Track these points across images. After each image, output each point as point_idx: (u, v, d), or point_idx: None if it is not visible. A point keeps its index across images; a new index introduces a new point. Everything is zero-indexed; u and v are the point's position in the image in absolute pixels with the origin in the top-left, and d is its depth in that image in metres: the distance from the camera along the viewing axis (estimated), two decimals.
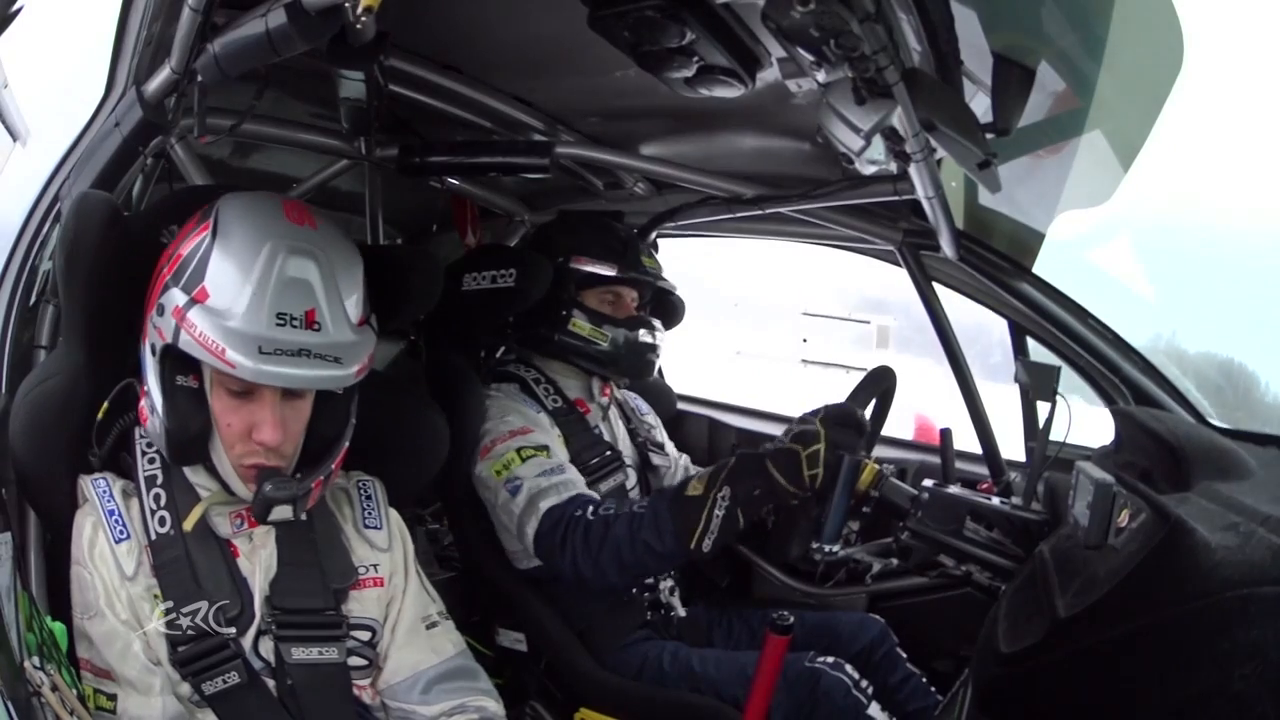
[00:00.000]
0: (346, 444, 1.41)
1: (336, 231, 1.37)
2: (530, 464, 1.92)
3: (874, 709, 1.83)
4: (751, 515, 1.70)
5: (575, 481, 1.93)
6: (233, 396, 1.30)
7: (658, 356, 2.22)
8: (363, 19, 1.11)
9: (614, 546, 1.75)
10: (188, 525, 1.33)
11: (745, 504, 1.68)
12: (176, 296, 1.25)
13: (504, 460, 1.94)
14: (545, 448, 1.96)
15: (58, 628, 1.22)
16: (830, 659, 1.87)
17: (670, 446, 2.45)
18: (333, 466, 1.39)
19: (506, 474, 1.93)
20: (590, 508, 1.83)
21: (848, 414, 1.69)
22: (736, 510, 1.68)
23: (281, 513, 1.31)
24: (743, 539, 2.30)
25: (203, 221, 1.31)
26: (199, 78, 1.33)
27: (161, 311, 1.26)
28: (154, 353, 1.30)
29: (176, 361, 1.28)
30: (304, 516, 1.41)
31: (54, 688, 1.07)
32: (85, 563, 1.30)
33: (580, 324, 2.12)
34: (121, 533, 1.31)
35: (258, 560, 1.39)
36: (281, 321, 1.22)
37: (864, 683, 1.86)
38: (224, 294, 1.23)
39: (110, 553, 1.30)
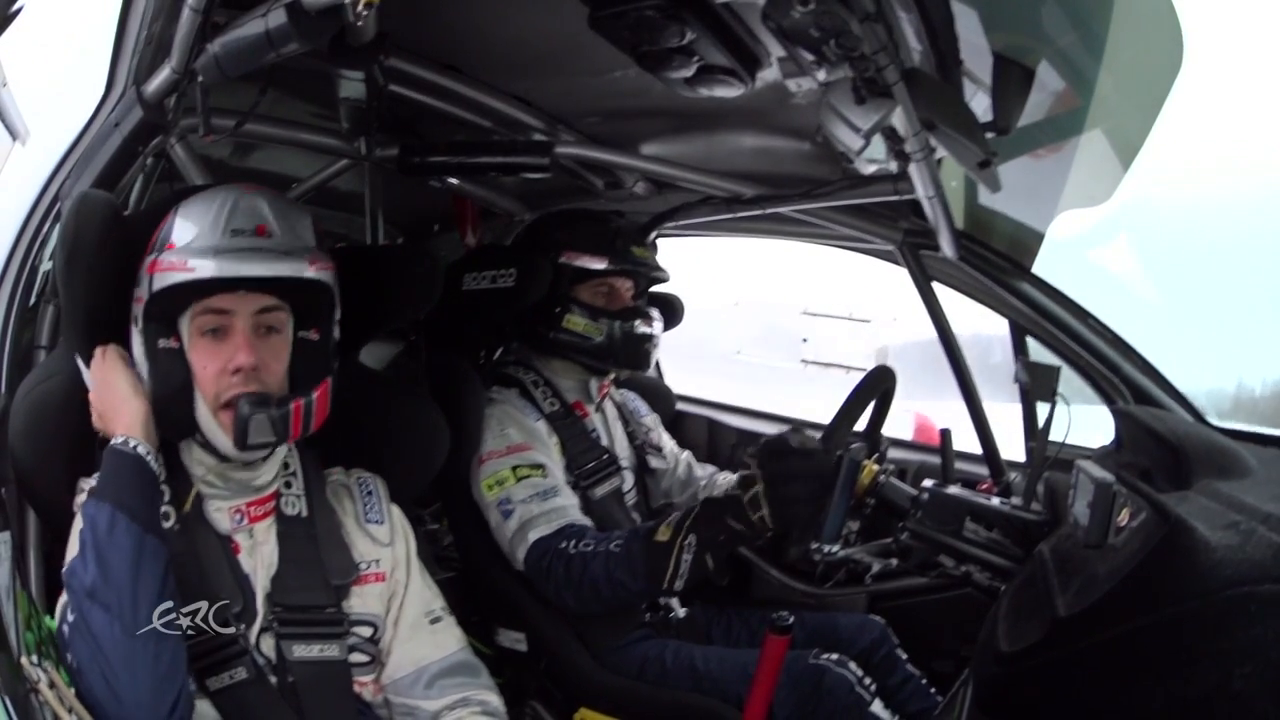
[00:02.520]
0: (328, 378, 1.40)
1: (289, 200, 1.46)
2: (524, 485, 1.93)
3: (877, 706, 1.84)
4: (719, 556, 1.72)
5: (566, 507, 1.93)
6: (209, 341, 1.33)
7: (655, 347, 2.21)
8: (364, 15, 1.11)
9: (592, 583, 1.80)
10: (185, 507, 1.34)
11: (711, 548, 1.71)
12: (149, 259, 1.33)
13: (498, 477, 1.95)
14: (541, 466, 1.96)
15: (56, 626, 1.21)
16: (835, 656, 1.88)
17: (671, 445, 2.44)
18: (315, 395, 1.37)
19: (500, 492, 1.94)
20: (573, 542, 1.84)
21: (780, 445, 1.65)
22: (704, 555, 1.70)
23: (260, 430, 1.31)
24: None
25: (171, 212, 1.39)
26: (199, 78, 1.33)
27: (139, 282, 1.33)
28: (137, 323, 1.34)
29: (157, 326, 1.33)
30: (300, 471, 1.46)
31: (51, 684, 1.07)
32: None
33: (575, 320, 2.11)
34: None
35: (259, 557, 1.39)
36: (236, 234, 1.32)
37: (867, 680, 1.86)
38: (186, 234, 1.33)
39: None
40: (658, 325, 2.20)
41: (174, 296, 1.31)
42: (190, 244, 1.31)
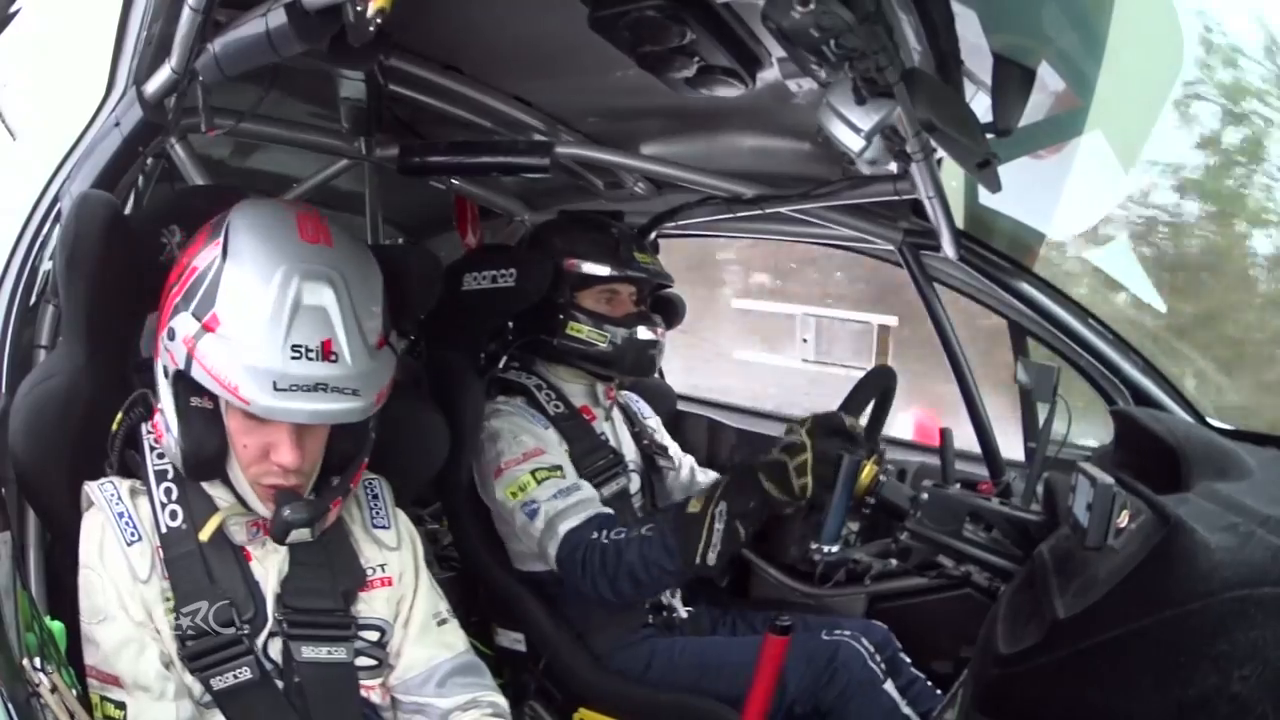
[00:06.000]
0: (365, 459, 1.41)
1: (353, 245, 1.35)
2: (545, 486, 1.95)
3: (889, 685, 1.87)
4: (750, 526, 1.74)
5: (590, 499, 1.95)
6: (248, 418, 1.27)
7: (659, 353, 2.21)
8: (376, 21, 1.11)
9: (628, 569, 1.80)
10: (204, 536, 1.33)
11: (743, 516, 1.73)
12: (187, 323, 1.22)
13: (519, 483, 1.96)
14: (558, 468, 1.98)
15: (56, 627, 1.21)
16: (848, 631, 1.93)
17: (675, 449, 2.44)
18: (350, 484, 1.39)
19: (523, 496, 1.95)
20: (604, 531, 1.86)
21: (834, 422, 1.71)
22: (735, 523, 1.72)
23: (300, 535, 1.31)
24: None
25: (214, 237, 1.28)
26: (199, 78, 1.33)
27: (173, 336, 1.24)
28: (166, 375, 1.28)
29: (190, 384, 1.26)
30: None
31: (53, 688, 1.07)
32: (95, 565, 1.28)
33: (578, 326, 2.11)
34: (133, 535, 1.30)
35: (271, 565, 1.39)
36: (297, 354, 1.19)
37: (878, 657, 1.90)
38: (236, 323, 1.20)
39: (122, 555, 1.29)
40: (661, 330, 2.20)
41: None
42: (242, 349, 1.19)
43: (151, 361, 1.35)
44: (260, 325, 1.19)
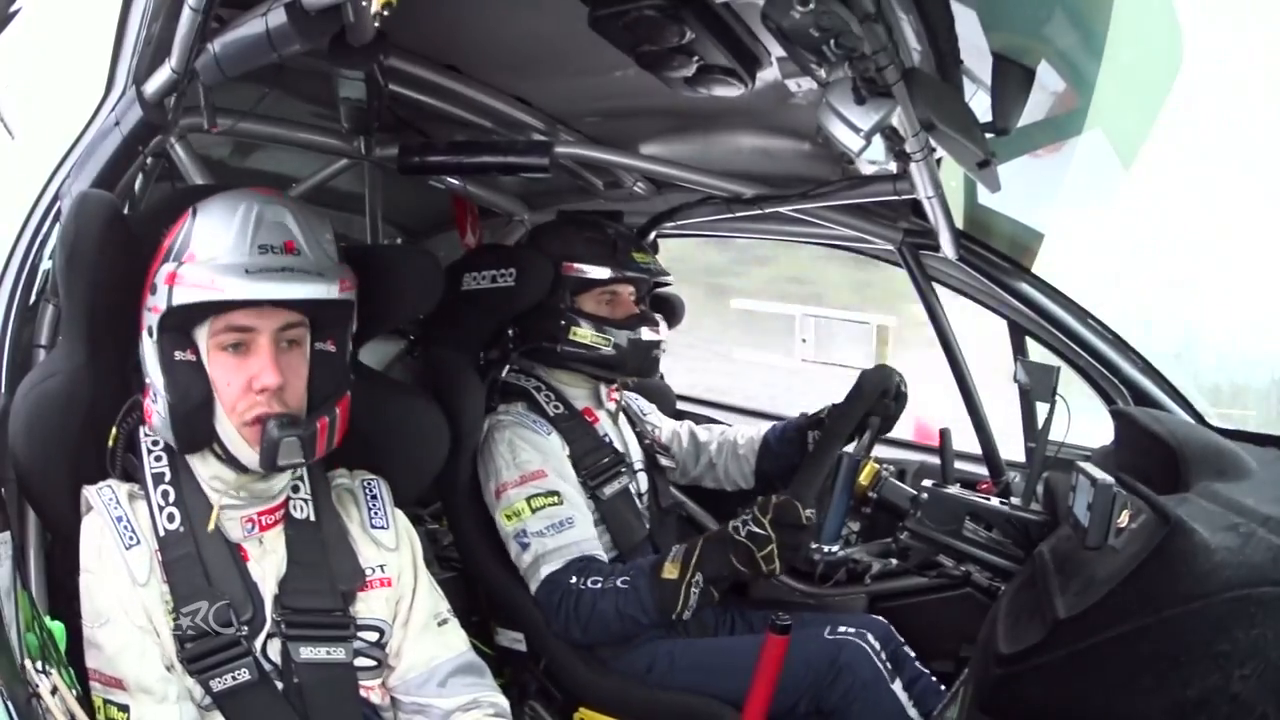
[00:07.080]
0: (348, 393, 1.42)
1: (306, 203, 1.44)
2: (539, 516, 1.96)
3: (896, 685, 1.87)
4: (724, 587, 1.85)
5: (579, 540, 1.96)
6: (230, 356, 1.32)
7: (662, 352, 2.21)
8: (382, 14, 1.11)
9: (601, 619, 1.87)
10: (210, 526, 1.34)
11: (716, 582, 1.82)
12: (167, 268, 1.30)
13: (514, 509, 1.98)
14: (556, 493, 1.98)
15: (56, 627, 1.21)
16: (851, 630, 1.92)
17: (670, 427, 2.44)
18: (338, 410, 1.39)
19: (518, 523, 1.97)
20: (582, 578, 1.90)
21: (793, 519, 1.77)
22: (710, 588, 1.82)
23: (290, 452, 1.31)
24: None
25: (185, 214, 1.36)
26: (199, 77, 1.33)
27: (155, 290, 1.31)
28: (151, 334, 1.32)
29: (173, 336, 1.31)
30: (306, 475, 1.44)
31: (53, 689, 1.07)
32: (95, 569, 1.29)
33: (581, 331, 2.11)
34: (131, 539, 1.30)
35: (268, 564, 1.39)
36: (264, 251, 1.30)
37: (883, 654, 1.89)
38: (209, 247, 1.30)
39: (121, 559, 1.29)
40: (663, 329, 2.20)
41: (194, 310, 1.29)
42: (215, 259, 1.29)
43: None
44: (230, 239, 1.30)
